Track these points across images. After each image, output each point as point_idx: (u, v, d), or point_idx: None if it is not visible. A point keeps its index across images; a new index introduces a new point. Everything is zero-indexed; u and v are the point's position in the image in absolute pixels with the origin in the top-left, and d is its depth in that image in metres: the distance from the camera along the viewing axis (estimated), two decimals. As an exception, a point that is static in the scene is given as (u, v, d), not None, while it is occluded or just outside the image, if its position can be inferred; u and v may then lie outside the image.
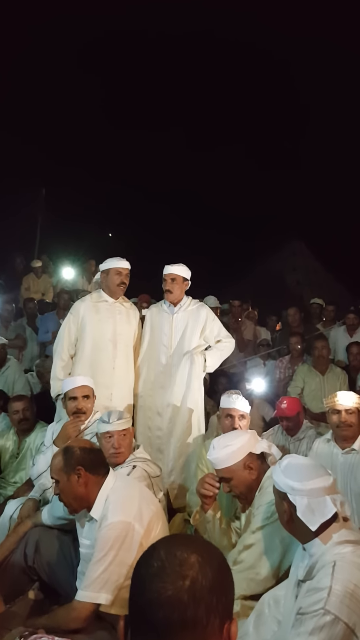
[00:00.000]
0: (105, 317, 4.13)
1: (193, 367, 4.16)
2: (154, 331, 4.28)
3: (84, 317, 4.09)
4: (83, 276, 9.72)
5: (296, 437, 4.23)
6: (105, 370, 4.06)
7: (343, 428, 3.35)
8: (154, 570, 0.97)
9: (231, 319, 7.45)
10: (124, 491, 2.42)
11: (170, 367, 4.19)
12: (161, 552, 0.99)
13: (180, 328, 4.25)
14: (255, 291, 10.57)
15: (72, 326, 4.10)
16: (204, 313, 4.30)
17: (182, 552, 0.99)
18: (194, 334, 4.24)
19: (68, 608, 2.28)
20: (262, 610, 2.02)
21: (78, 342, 4.10)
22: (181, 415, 4.14)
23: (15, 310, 7.82)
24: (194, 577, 0.95)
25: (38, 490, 3.28)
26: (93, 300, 4.19)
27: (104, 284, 4.20)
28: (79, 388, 3.51)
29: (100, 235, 14.62)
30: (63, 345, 4.09)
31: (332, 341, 6.66)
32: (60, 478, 2.41)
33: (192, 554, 0.98)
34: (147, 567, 0.98)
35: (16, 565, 2.82)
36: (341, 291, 11.92)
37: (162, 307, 4.35)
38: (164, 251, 8.63)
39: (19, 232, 11.45)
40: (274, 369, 6.37)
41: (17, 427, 4.13)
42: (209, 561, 0.99)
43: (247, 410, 3.49)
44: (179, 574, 0.95)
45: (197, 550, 1.00)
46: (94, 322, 4.08)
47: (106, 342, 4.09)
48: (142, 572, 0.98)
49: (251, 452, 2.45)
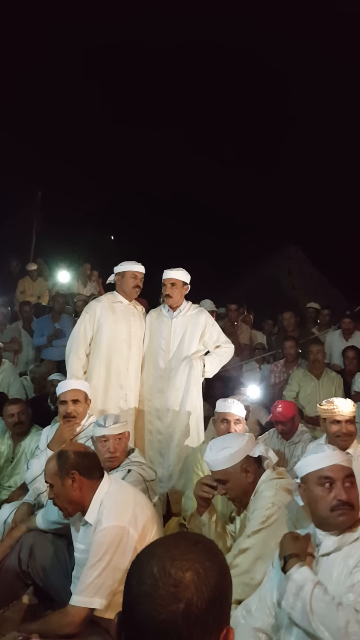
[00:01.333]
0: (121, 318, 4.16)
1: (192, 372, 4.16)
2: (152, 335, 4.28)
3: (100, 317, 4.09)
4: (78, 280, 9.72)
5: (291, 441, 4.23)
6: (120, 371, 4.09)
7: (343, 438, 3.31)
8: (146, 588, 0.89)
9: (227, 322, 7.45)
10: (118, 495, 2.41)
11: (169, 371, 4.19)
12: (154, 569, 0.91)
13: (179, 333, 4.24)
14: (251, 295, 10.58)
15: (88, 325, 4.09)
16: (204, 318, 4.29)
17: (177, 570, 0.90)
18: (193, 339, 4.24)
19: (62, 613, 2.27)
20: (237, 621, 2.01)
21: (93, 341, 4.10)
22: (180, 420, 4.14)
23: (11, 313, 7.81)
24: (189, 599, 0.88)
25: (32, 494, 3.27)
26: (109, 300, 4.20)
27: (118, 285, 4.21)
28: (70, 392, 3.50)
29: (96, 239, 14.61)
30: (79, 343, 4.07)
31: (328, 345, 6.68)
32: (54, 482, 2.40)
33: (187, 571, 0.90)
34: (140, 583, 0.91)
35: (10, 570, 2.81)
36: (336, 296, 11.94)
37: (162, 312, 4.36)
38: (160, 255, 8.62)
39: (15, 235, 11.43)
40: (269, 373, 6.38)
41: (12, 430, 4.11)
42: (206, 578, 0.91)
43: (243, 414, 3.50)
44: (174, 597, 0.88)
45: (193, 565, 0.92)
46: (110, 322, 4.10)
47: (121, 342, 4.11)
48: (134, 586, 0.91)
49: (248, 455, 2.45)
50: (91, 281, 9.74)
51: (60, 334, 6.90)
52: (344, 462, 1.97)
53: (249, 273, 13.74)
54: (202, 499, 2.58)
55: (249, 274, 13.72)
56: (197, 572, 0.91)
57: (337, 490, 1.90)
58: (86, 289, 9.48)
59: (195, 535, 1.01)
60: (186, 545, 0.95)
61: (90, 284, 9.63)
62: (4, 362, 5.75)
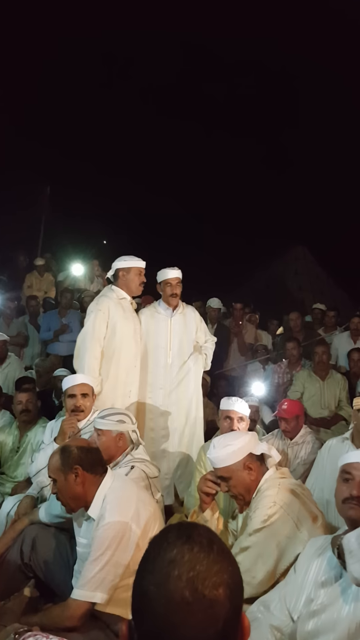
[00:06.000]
0: (129, 315, 4.18)
1: (196, 366, 4.32)
2: (149, 334, 4.32)
3: (114, 315, 4.09)
4: (85, 275, 9.73)
5: (295, 442, 4.23)
6: (129, 369, 4.11)
7: None
8: (181, 616, 0.83)
9: (232, 322, 7.45)
10: (121, 491, 2.43)
11: (170, 367, 4.27)
12: (186, 592, 0.84)
13: (177, 330, 4.34)
14: (256, 295, 10.57)
15: (101, 323, 4.04)
16: (196, 315, 4.50)
17: (210, 590, 0.85)
18: (191, 336, 4.38)
19: (63, 606, 2.28)
20: (254, 616, 2.02)
21: (105, 339, 4.08)
22: (183, 416, 4.23)
23: (18, 307, 7.83)
24: (225, 615, 0.85)
25: (36, 488, 3.29)
26: (117, 297, 4.16)
27: (122, 281, 4.16)
28: (78, 386, 3.51)
29: (104, 236, 14.61)
30: (94, 341, 4.00)
31: (334, 347, 6.65)
32: (57, 477, 2.41)
33: (219, 587, 0.85)
34: (172, 612, 0.83)
35: (12, 563, 2.82)
36: (342, 298, 11.92)
37: (157, 310, 4.41)
38: (168, 252, 8.63)
39: (23, 230, 11.43)
40: (272, 374, 6.37)
41: (19, 418, 4.15)
42: (235, 585, 0.88)
43: (247, 413, 3.50)
44: (212, 619, 0.83)
45: (222, 578, 0.87)
46: (122, 320, 4.10)
47: (130, 340, 4.13)
48: (163, 615, 0.84)
49: (251, 453, 2.46)
50: (97, 277, 9.74)
51: (67, 329, 6.92)
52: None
53: (256, 273, 13.73)
54: (205, 494, 2.59)
55: (256, 274, 13.71)
56: (228, 585, 0.87)
57: (352, 485, 1.97)
58: (93, 285, 9.49)
59: (199, 532, 0.94)
60: (205, 553, 0.89)
61: (97, 280, 9.64)
62: (10, 355, 5.78)
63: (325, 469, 3.37)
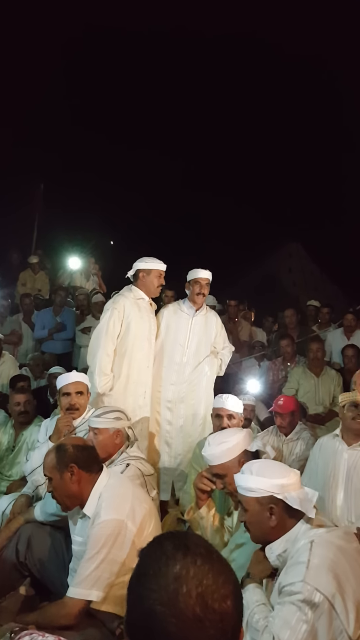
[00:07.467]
0: (144, 315, 4.18)
1: (211, 370, 4.38)
2: (169, 330, 4.37)
3: (129, 314, 4.09)
4: (82, 273, 9.69)
5: (290, 438, 4.24)
6: (142, 368, 4.13)
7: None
8: (194, 633, 0.83)
9: (227, 319, 7.44)
10: (117, 489, 2.42)
11: (184, 365, 4.33)
12: (197, 609, 0.84)
13: (197, 331, 4.40)
14: (251, 292, 10.59)
15: (116, 321, 4.05)
16: (218, 320, 4.55)
17: (219, 603, 0.85)
18: (210, 338, 4.43)
19: (59, 604, 2.28)
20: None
21: (119, 338, 4.09)
22: (191, 415, 4.27)
23: (11, 305, 7.80)
24: (234, 624, 0.87)
25: (31, 486, 3.28)
26: (134, 297, 4.17)
27: (141, 282, 4.19)
28: (73, 384, 3.50)
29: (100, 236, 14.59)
30: (107, 339, 4.02)
31: (328, 343, 6.66)
32: (53, 475, 2.41)
33: (227, 599, 0.86)
34: (184, 628, 0.83)
35: (7, 561, 2.82)
36: (336, 293, 11.95)
37: (181, 308, 4.45)
38: (164, 250, 8.61)
39: (16, 228, 11.40)
40: (268, 371, 6.38)
41: (16, 419, 4.16)
42: (239, 596, 0.89)
43: (238, 410, 3.49)
44: (222, 631, 0.84)
45: (229, 589, 0.87)
46: (137, 319, 4.11)
47: (143, 339, 4.15)
48: (175, 633, 0.83)
49: (246, 450, 2.46)
50: (93, 275, 9.71)
51: (62, 327, 6.91)
52: None
53: (251, 270, 13.75)
54: (201, 491, 2.60)
55: (250, 271, 13.73)
56: (234, 594, 0.88)
57: None
58: (88, 283, 9.45)
59: (194, 542, 0.93)
60: (209, 564, 0.88)
61: (92, 278, 9.60)
62: (4, 354, 5.77)
63: (317, 467, 3.39)
